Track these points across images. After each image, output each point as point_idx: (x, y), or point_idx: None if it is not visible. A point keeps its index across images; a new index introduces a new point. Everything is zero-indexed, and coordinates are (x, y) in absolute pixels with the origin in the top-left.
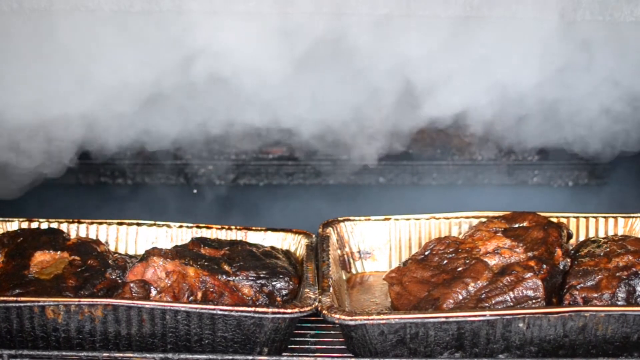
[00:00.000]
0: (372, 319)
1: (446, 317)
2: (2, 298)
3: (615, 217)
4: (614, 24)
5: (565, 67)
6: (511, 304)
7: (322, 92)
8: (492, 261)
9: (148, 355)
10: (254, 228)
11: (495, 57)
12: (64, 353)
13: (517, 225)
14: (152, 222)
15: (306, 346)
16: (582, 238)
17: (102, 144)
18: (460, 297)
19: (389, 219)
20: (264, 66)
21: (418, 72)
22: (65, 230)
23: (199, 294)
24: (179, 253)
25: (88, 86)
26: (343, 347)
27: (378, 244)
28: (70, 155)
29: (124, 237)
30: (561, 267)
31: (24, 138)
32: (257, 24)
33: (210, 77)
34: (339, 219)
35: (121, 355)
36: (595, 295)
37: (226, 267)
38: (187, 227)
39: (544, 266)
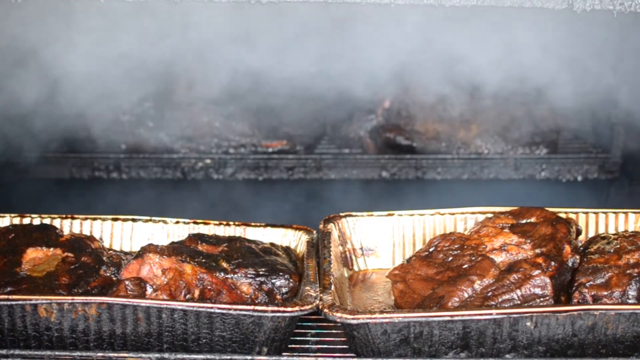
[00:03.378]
0: (374, 318)
1: (451, 316)
2: None
3: (626, 213)
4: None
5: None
6: (518, 302)
7: None
8: (499, 258)
9: (144, 355)
10: (253, 224)
11: (503, 46)
12: (56, 353)
13: (524, 221)
14: (148, 218)
15: (307, 346)
16: (591, 234)
17: None
18: (466, 295)
19: (393, 214)
20: None
21: None
22: (58, 226)
23: (196, 292)
24: (175, 250)
25: None
26: (345, 346)
27: (381, 240)
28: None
29: (119, 233)
30: (570, 264)
31: None
32: None
33: None
34: (341, 214)
35: (116, 355)
36: (605, 293)
37: (224, 264)
38: (184, 222)
39: (552, 263)
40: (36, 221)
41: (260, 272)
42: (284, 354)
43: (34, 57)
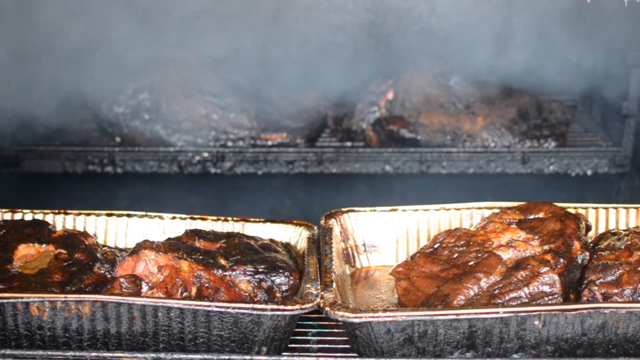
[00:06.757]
0: (377, 317)
1: (457, 315)
2: None
3: (637, 208)
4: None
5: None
6: (526, 300)
7: None
8: (506, 255)
9: (139, 355)
10: (252, 219)
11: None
12: (49, 352)
13: (532, 217)
14: (144, 213)
15: (307, 345)
16: (601, 230)
17: None
18: (472, 293)
19: (396, 209)
20: None
21: None
22: (50, 221)
23: (194, 290)
24: (172, 246)
25: None
26: (347, 346)
27: (384, 236)
28: None
29: (114, 229)
30: (579, 261)
31: None
32: None
33: None
34: (343, 209)
35: (110, 354)
36: (616, 291)
37: (222, 261)
38: (181, 218)
39: (561, 260)
40: (28, 217)
41: (260, 269)
42: (284, 353)
43: (27, 49)
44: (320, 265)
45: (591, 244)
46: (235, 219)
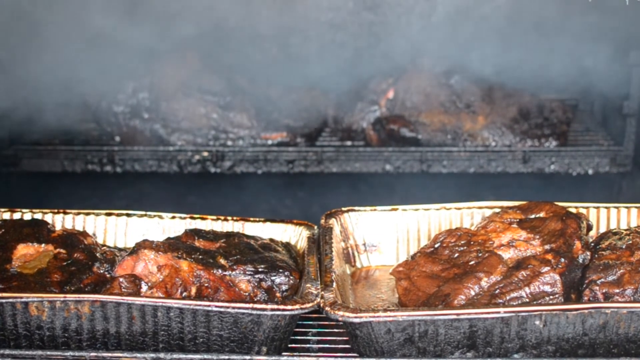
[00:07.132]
0: (378, 316)
1: (457, 314)
2: None
3: (638, 207)
4: None
5: None
6: (527, 300)
7: None
8: (507, 254)
9: (138, 355)
10: (251, 219)
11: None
12: (48, 352)
13: (533, 216)
14: (143, 213)
15: (308, 345)
16: (602, 230)
17: None
18: (473, 293)
19: (397, 209)
20: None
21: None
22: (49, 221)
23: (193, 290)
24: (171, 246)
25: None
26: (347, 346)
27: (384, 236)
28: None
29: (113, 229)
30: (580, 261)
31: None
32: None
33: None
34: (343, 209)
35: (109, 354)
36: (617, 290)
37: (222, 261)
38: (181, 218)
39: (562, 260)
40: (27, 216)
41: (260, 269)
42: (284, 353)
43: (24, 47)
44: (321, 264)
45: (592, 244)
46: (235, 218)
